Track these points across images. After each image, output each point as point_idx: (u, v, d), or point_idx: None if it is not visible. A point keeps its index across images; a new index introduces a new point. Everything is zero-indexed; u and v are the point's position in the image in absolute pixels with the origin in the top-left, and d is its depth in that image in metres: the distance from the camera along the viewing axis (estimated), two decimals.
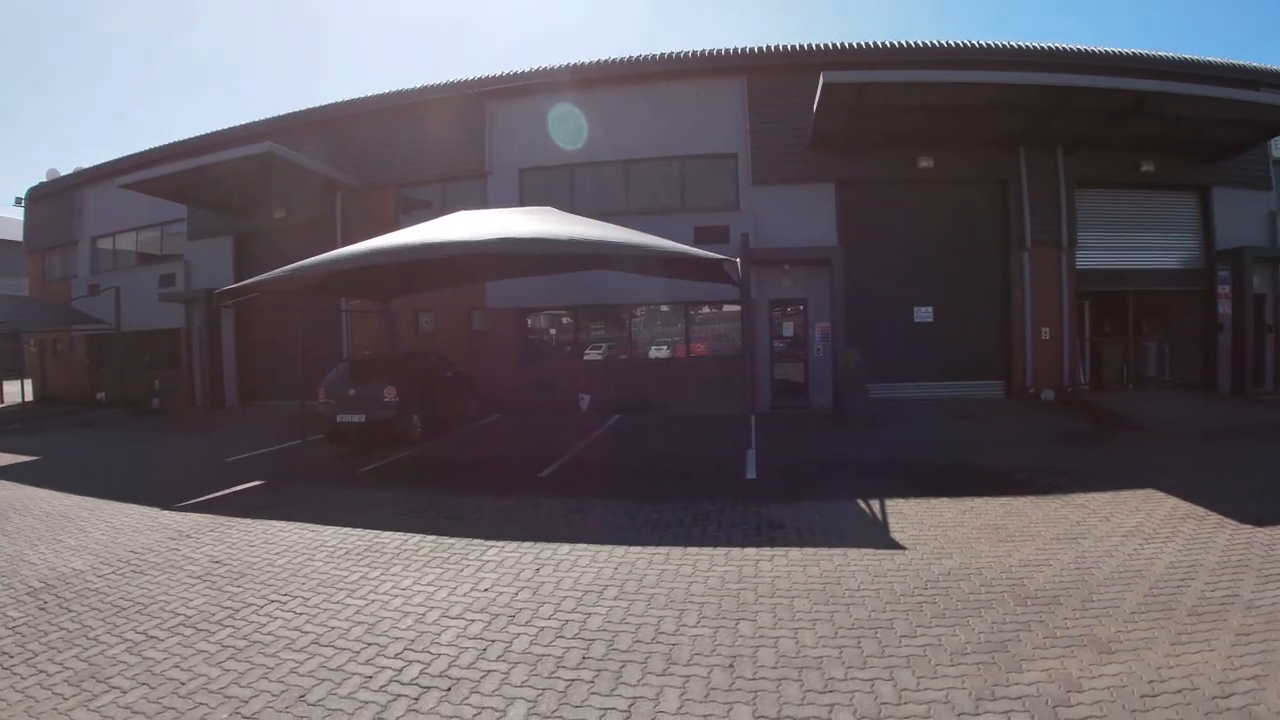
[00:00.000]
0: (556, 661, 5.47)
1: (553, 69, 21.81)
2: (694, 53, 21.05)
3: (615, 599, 6.58)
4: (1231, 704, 4.72)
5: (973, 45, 20.88)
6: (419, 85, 23.41)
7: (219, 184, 22.96)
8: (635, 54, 21.54)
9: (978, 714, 4.61)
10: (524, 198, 21.38)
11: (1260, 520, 9.00)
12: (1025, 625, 5.91)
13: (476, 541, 8.49)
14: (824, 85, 16.48)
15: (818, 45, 20.73)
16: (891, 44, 20.81)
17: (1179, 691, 4.86)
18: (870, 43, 20.85)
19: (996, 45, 21.01)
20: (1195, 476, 11.45)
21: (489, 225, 13.22)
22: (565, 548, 8.10)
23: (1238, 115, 19.31)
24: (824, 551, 7.82)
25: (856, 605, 6.33)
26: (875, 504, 9.87)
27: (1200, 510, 9.50)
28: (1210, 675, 5.08)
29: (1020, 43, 21.34)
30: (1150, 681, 4.99)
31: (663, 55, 21.24)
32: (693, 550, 7.92)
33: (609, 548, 8.05)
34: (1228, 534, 8.51)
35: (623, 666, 5.36)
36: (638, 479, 11.84)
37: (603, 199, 21.14)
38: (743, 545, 8.10)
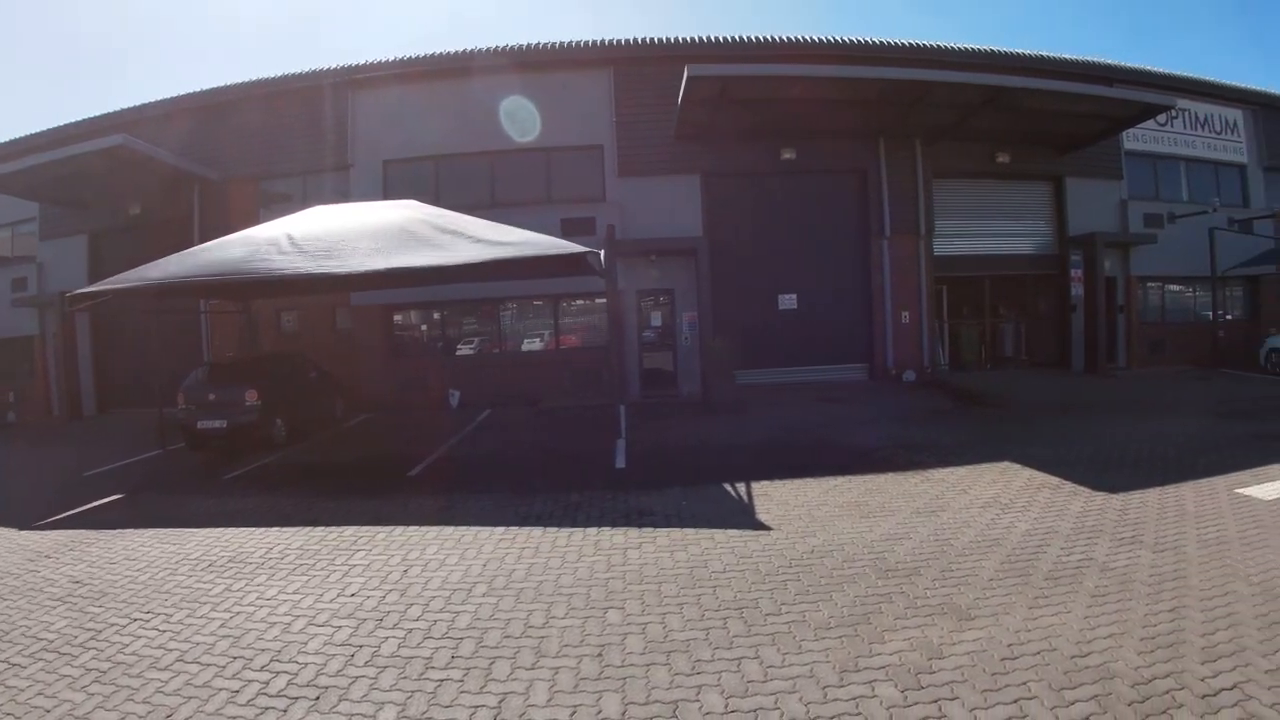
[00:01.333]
0: (425, 663, 5.37)
1: (418, 58, 21.35)
2: (561, 44, 20.99)
3: (484, 596, 6.51)
4: (1089, 662, 4.97)
5: (835, 41, 21.40)
6: (281, 74, 22.70)
7: (71, 180, 21.62)
8: (503, 44, 21.29)
9: (842, 685, 4.72)
10: (388, 191, 20.90)
11: (1113, 487, 9.60)
12: (887, 597, 6.10)
13: (344, 546, 8.28)
14: (688, 78, 16.67)
15: (683, 39, 20.95)
16: (756, 38, 21.14)
17: (1038, 653, 5.10)
18: (735, 37, 21.16)
19: (858, 41, 21.64)
20: (1050, 449, 12.07)
21: (351, 220, 12.97)
22: (434, 547, 7.99)
23: (1091, 110, 20.60)
24: (691, 536, 7.90)
25: (723, 587, 6.41)
26: (742, 487, 10.01)
27: (1055, 480, 10.03)
28: (1068, 636, 5.35)
29: (881, 39, 22.10)
30: (1009, 645, 5.22)
31: (530, 46, 21.03)
32: (562, 542, 7.90)
33: (478, 545, 7.97)
34: (1081, 501, 9.00)
35: (492, 663, 5.30)
36: (508, 473, 11.75)
37: (469, 192, 20.77)
38: (611, 534, 8.12)
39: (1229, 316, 27.44)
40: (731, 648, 5.30)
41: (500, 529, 8.57)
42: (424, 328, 22.64)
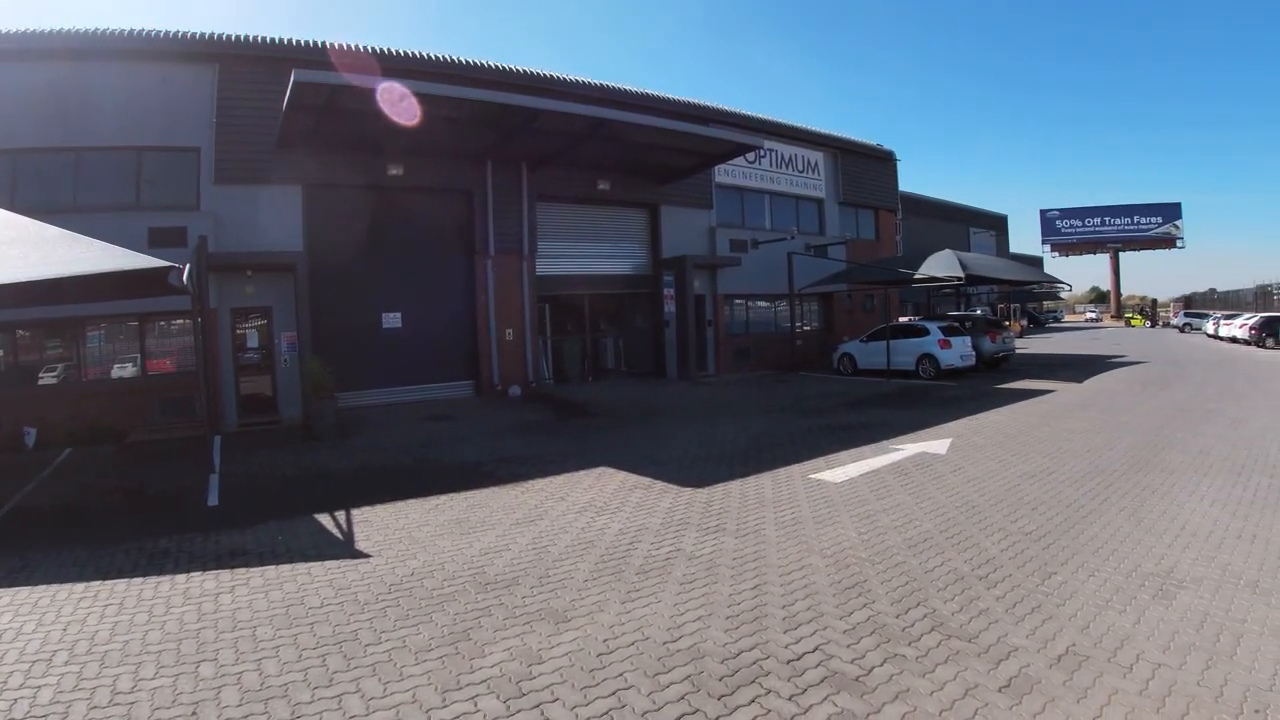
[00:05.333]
0: None
1: None
2: (164, 33, 18.33)
3: (66, 665, 5.57)
4: (681, 645, 5.15)
5: (450, 60, 21.28)
6: None
7: None
8: (95, 27, 18.33)
9: (445, 705, 4.53)
10: None
11: (699, 482, 10.25)
12: (486, 610, 5.95)
13: None
14: (295, 83, 15.47)
15: (298, 41, 19.48)
16: (371, 49, 20.17)
17: (632, 644, 5.20)
18: (350, 45, 19.94)
19: (472, 63, 21.64)
20: (643, 451, 12.68)
21: None
22: (8, 615, 6.77)
23: (688, 145, 22.17)
24: (287, 573, 7.29)
25: (321, 623, 5.96)
26: (341, 515, 9.45)
27: (647, 480, 10.48)
28: (660, 624, 5.51)
29: (496, 63, 22.20)
30: (605, 641, 5.27)
31: (128, 32, 18.18)
32: (149, 595, 6.98)
33: (56, 607, 6.85)
34: (671, 498, 9.46)
35: None
36: (89, 522, 10.28)
37: (49, 192, 17.57)
38: (202, 580, 7.29)
39: (806, 327, 31.43)
40: (332, 685, 4.92)
41: (81, 586, 7.41)
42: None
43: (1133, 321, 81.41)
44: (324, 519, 9.31)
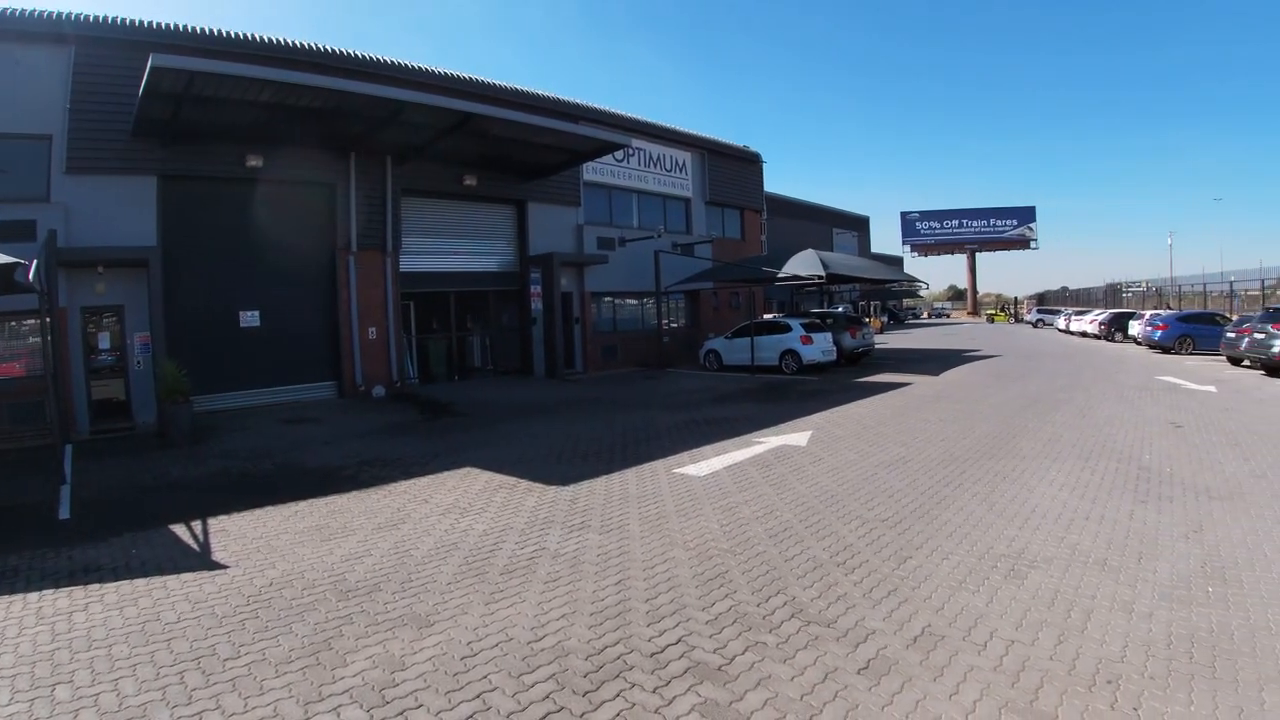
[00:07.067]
0: None
1: None
2: (13, 11, 16.79)
3: None
4: (545, 644, 5.14)
5: (318, 49, 20.48)
6: None
7: None
8: None
9: (308, 718, 4.41)
10: None
11: (565, 480, 10.25)
12: (348, 618, 5.80)
13: None
14: (153, 68, 14.55)
15: (159, 24, 18.29)
16: (234, 34, 19.15)
17: (496, 646, 5.15)
18: (212, 30, 18.90)
19: (338, 51, 20.93)
20: (509, 450, 12.59)
21: None
22: None
23: (556, 142, 22.06)
24: (143, 587, 6.94)
25: (178, 639, 5.70)
26: (198, 525, 9.08)
27: (513, 479, 10.40)
28: (524, 624, 5.48)
29: (362, 53, 21.58)
30: (469, 643, 5.21)
31: None
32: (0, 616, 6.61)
33: None
34: (535, 497, 9.41)
35: None
36: None
37: None
38: (55, 598, 6.89)
39: (674, 325, 31.75)
40: (191, 703, 4.72)
41: None
42: None
43: (996, 318, 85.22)
44: (180, 530, 8.92)
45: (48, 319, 13.10)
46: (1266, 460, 10.33)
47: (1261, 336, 20.96)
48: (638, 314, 30.53)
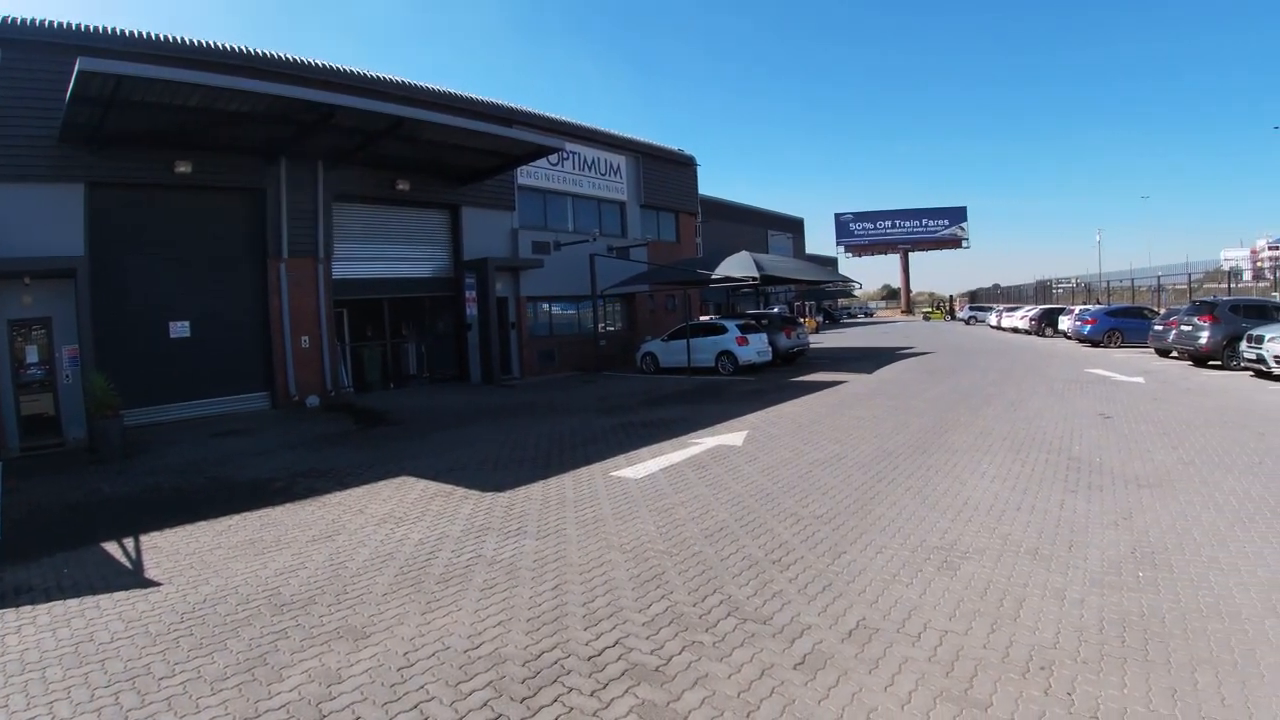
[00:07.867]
0: None
1: None
2: None
3: None
4: (482, 652, 5.12)
5: (248, 52, 20.08)
6: None
7: None
8: None
9: None
10: None
11: (500, 486, 10.20)
12: (283, 633, 5.72)
13: None
14: (80, 72, 14.13)
15: (87, 26, 17.66)
16: (168, 38, 18.78)
17: (433, 655, 5.12)
18: (140, 32, 18.39)
19: (268, 55, 20.55)
20: (445, 458, 12.48)
21: None
22: None
23: (489, 146, 22.00)
24: (75, 607, 6.77)
25: (112, 659, 5.57)
26: (130, 542, 8.88)
27: (449, 487, 10.32)
28: (461, 632, 5.46)
29: (292, 56, 21.24)
30: (406, 654, 5.17)
31: None
32: None
33: None
34: (471, 503, 9.37)
35: None
36: None
37: None
38: None
39: (610, 328, 31.80)
40: None
41: None
42: None
43: (932, 316, 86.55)
44: (112, 547, 8.72)
45: None
46: (1194, 448, 10.67)
47: (1189, 329, 21.73)
48: (574, 318, 30.48)
